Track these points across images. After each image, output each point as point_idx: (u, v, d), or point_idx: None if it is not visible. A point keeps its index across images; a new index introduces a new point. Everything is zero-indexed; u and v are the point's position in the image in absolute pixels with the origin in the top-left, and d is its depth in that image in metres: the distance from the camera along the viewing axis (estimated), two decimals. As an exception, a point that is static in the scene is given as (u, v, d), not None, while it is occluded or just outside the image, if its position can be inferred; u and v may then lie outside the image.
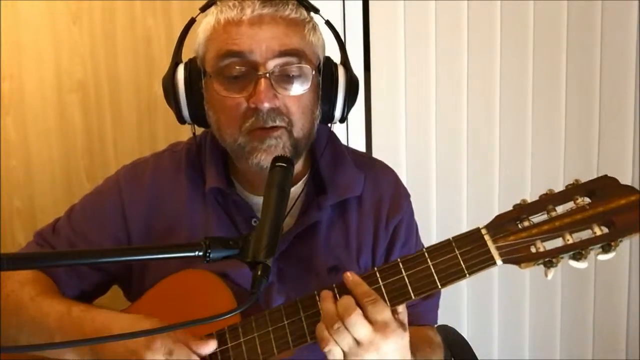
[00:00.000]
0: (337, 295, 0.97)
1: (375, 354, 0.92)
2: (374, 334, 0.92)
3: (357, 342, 0.92)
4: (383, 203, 1.21)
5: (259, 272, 0.86)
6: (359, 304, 0.93)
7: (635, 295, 1.98)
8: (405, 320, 0.97)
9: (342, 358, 0.94)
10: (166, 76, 1.16)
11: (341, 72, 1.16)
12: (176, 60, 1.16)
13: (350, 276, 0.96)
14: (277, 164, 0.99)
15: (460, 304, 2.01)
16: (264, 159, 1.09)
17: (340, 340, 0.92)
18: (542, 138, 1.96)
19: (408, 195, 1.27)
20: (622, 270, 1.98)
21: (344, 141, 1.81)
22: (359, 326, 0.91)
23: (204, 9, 1.15)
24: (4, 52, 1.85)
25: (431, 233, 1.95)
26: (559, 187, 0.93)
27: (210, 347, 1.00)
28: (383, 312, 0.93)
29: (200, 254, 0.86)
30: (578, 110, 1.94)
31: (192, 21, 1.17)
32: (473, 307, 2.02)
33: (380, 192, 1.22)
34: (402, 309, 0.97)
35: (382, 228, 1.21)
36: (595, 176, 0.91)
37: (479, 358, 1.35)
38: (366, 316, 0.92)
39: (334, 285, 0.98)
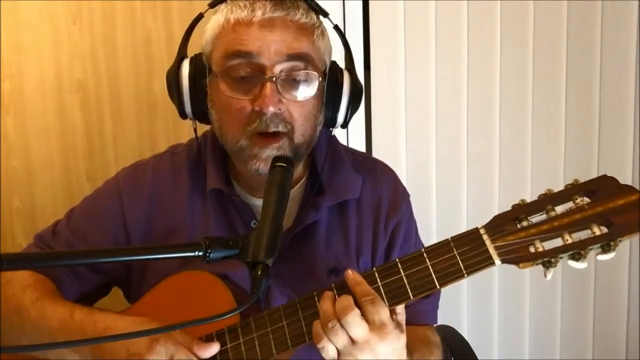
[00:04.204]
0: (336, 294, 0.96)
1: (370, 354, 0.92)
2: (369, 334, 0.91)
3: (353, 341, 0.92)
4: (382, 204, 1.21)
5: (259, 272, 0.86)
6: (358, 303, 0.93)
7: (635, 295, 1.98)
8: (403, 321, 0.97)
9: (336, 357, 0.93)
10: (171, 70, 1.15)
11: (346, 77, 1.15)
12: (181, 55, 1.15)
13: (351, 274, 0.96)
14: (277, 164, 0.99)
15: (460, 304, 2.01)
16: (262, 168, 1.09)
17: (335, 339, 0.92)
18: (542, 138, 1.95)
19: (407, 196, 1.27)
20: (622, 270, 1.98)
21: (344, 141, 1.81)
22: (356, 325, 0.91)
23: (213, 5, 1.14)
24: (4, 52, 1.85)
25: (431, 233, 1.95)
26: (559, 187, 0.92)
27: (212, 349, 1.00)
28: (381, 312, 0.92)
29: (200, 254, 0.86)
30: (578, 110, 1.93)
31: (200, 16, 1.16)
32: (473, 307, 2.02)
33: (379, 193, 1.22)
34: (400, 309, 0.96)
35: (382, 229, 1.20)
36: (595, 176, 0.90)
37: (479, 358, 1.35)
38: (364, 315, 0.92)
39: (332, 285, 0.98)
